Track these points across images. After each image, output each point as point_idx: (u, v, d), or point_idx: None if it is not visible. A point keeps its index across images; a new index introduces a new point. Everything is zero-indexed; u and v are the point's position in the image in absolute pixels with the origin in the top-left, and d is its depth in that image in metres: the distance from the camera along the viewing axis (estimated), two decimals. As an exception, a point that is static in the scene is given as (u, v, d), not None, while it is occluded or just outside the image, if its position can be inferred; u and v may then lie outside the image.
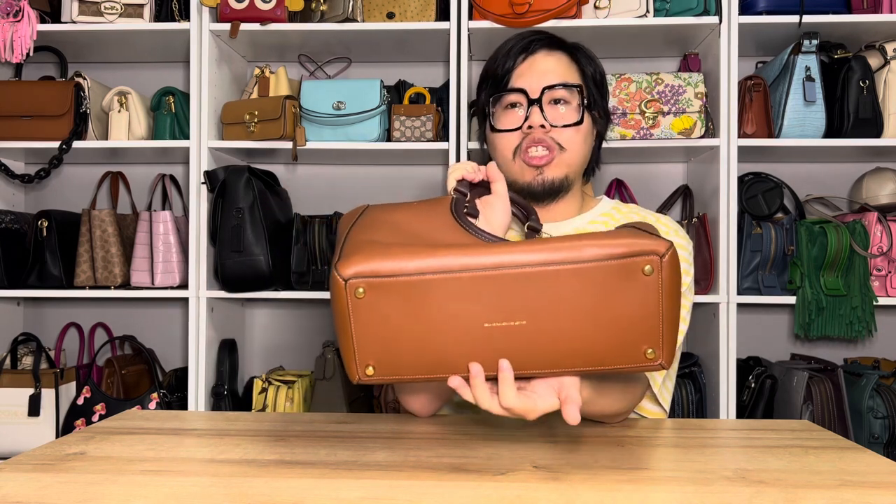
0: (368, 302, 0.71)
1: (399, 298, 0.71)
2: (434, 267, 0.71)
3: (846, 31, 1.98)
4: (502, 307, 0.71)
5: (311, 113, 1.95)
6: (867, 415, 1.79)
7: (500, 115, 1.19)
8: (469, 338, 0.72)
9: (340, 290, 0.71)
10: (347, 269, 0.71)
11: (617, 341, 0.72)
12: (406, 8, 1.98)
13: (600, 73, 1.24)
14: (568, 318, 0.71)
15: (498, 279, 0.70)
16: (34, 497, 0.67)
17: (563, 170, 1.17)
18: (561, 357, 0.72)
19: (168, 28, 2.01)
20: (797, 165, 2.20)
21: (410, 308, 0.71)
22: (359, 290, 0.71)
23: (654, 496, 0.68)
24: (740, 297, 1.90)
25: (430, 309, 0.71)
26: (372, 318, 0.71)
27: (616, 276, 0.71)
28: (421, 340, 0.72)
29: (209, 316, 2.00)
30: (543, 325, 0.71)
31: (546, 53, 1.19)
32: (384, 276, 0.71)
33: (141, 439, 0.89)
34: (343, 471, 0.75)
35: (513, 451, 0.84)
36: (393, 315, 0.71)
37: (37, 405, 1.98)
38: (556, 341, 0.72)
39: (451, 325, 0.71)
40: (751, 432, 0.98)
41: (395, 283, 0.71)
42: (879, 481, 0.73)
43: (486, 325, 0.71)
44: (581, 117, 1.17)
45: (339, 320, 0.72)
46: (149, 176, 2.28)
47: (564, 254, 0.70)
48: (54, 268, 2.03)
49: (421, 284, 0.71)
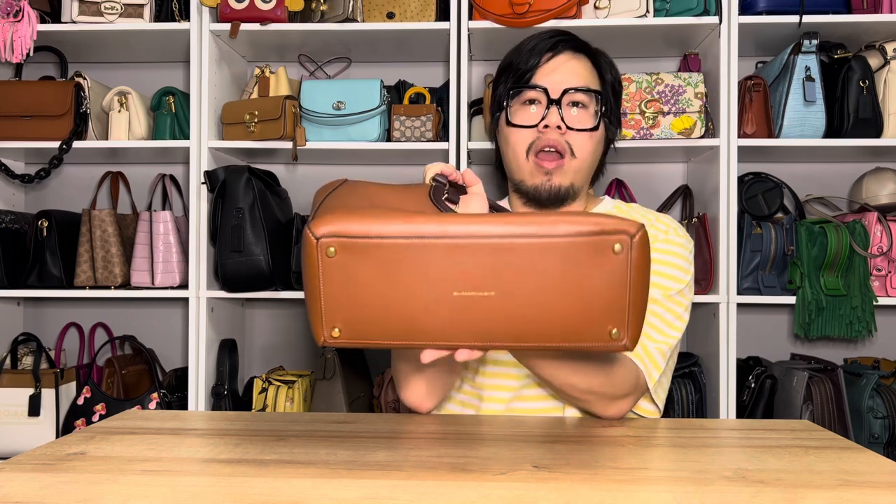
0: (339, 262, 0.71)
1: (370, 260, 0.71)
2: (407, 232, 0.71)
3: (846, 31, 1.98)
4: (472, 276, 0.72)
5: (311, 113, 1.95)
6: (867, 415, 1.79)
7: (517, 111, 1.20)
8: (438, 305, 0.72)
9: (311, 248, 0.71)
10: (320, 228, 0.71)
11: (583, 318, 0.73)
12: (406, 8, 1.98)
13: (618, 80, 1.25)
14: (535, 291, 0.72)
15: (469, 248, 0.71)
16: (34, 497, 0.67)
17: (570, 177, 1.17)
18: (527, 331, 0.73)
19: (168, 28, 2.01)
20: (797, 165, 2.20)
21: (380, 271, 0.72)
22: (330, 250, 0.71)
23: (654, 496, 0.68)
24: (740, 297, 1.90)
25: (400, 273, 0.71)
26: (341, 278, 0.72)
27: (585, 252, 0.72)
28: (389, 304, 0.72)
29: (209, 316, 2.00)
30: (511, 297, 0.72)
31: (571, 55, 1.20)
32: (356, 236, 0.71)
33: (141, 439, 0.89)
34: (343, 471, 0.75)
35: (513, 451, 0.84)
36: (362, 277, 0.72)
37: (37, 405, 1.98)
38: (523, 315, 0.73)
39: (421, 291, 0.72)
40: (751, 432, 0.98)
41: (367, 245, 0.71)
42: (879, 481, 0.73)
43: (455, 293, 0.72)
44: (597, 124, 1.17)
45: (308, 280, 0.73)
46: (149, 176, 2.28)
47: (536, 228, 0.71)
48: (54, 268, 2.03)
49: (392, 248, 0.71)
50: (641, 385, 1.09)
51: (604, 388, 1.03)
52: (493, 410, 1.16)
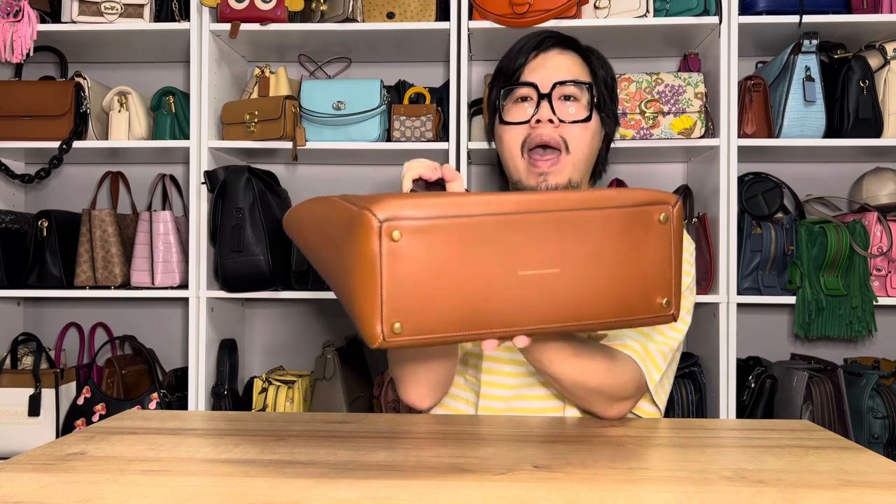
0: (403, 247, 0.65)
1: (438, 242, 0.66)
2: (470, 211, 0.67)
3: (846, 31, 1.98)
4: (535, 253, 0.70)
5: (311, 113, 1.95)
6: (867, 415, 1.79)
7: (510, 109, 1.20)
8: (504, 287, 0.69)
9: (372, 233, 0.65)
10: (383, 211, 0.65)
11: (638, 290, 0.74)
12: (406, 8, 1.98)
13: (611, 77, 1.25)
14: (597, 264, 0.72)
15: (531, 224, 0.69)
16: (34, 497, 0.67)
17: (567, 174, 1.17)
18: (588, 308, 0.72)
19: (168, 28, 2.01)
20: (797, 165, 2.20)
21: (448, 254, 0.66)
22: (395, 234, 0.65)
23: (655, 496, 0.68)
24: (740, 297, 1.90)
25: (465, 255, 0.67)
26: (406, 266, 0.65)
27: (636, 223, 0.73)
28: (456, 291, 0.67)
29: (209, 316, 2.00)
30: (575, 272, 0.71)
31: (559, 52, 1.20)
32: (422, 217, 0.65)
33: (141, 439, 0.89)
34: (343, 471, 0.75)
35: (513, 451, 0.84)
36: (429, 262, 0.66)
37: (37, 405, 1.98)
38: (585, 291, 0.72)
39: (487, 273, 0.68)
40: (751, 432, 0.98)
41: (436, 226, 0.66)
42: (879, 481, 0.73)
43: (521, 272, 0.69)
44: (590, 114, 1.17)
45: (364, 270, 0.65)
46: (149, 176, 2.27)
47: (595, 200, 0.72)
48: (54, 268, 2.03)
49: (458, 228, 0.67)
50: (643, 386, 1.09)
51: (609, 389, 1.03)
52: (492, 409, 1.16)
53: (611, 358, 1.05)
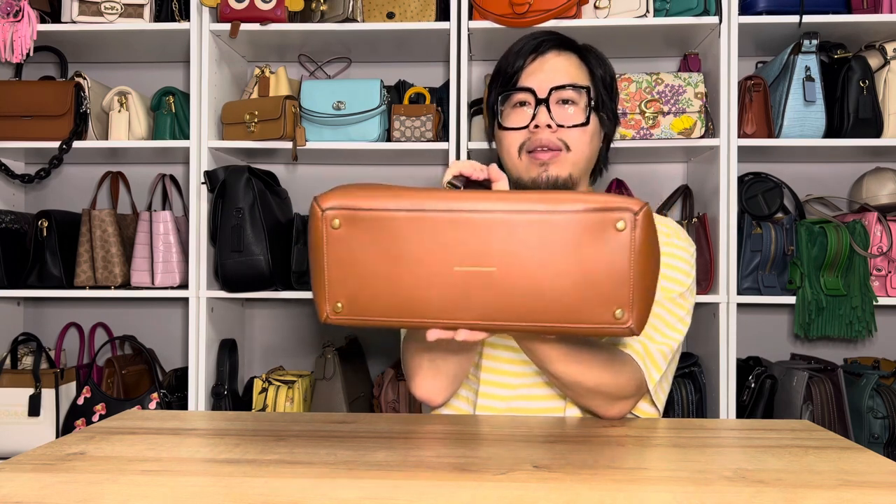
0: (343, 235, 0.73)
1: (373, 234, 0.72)
2: (409, 205, 0.72)
3: (846, 31, 1.98)
4: (474, 251, 0.71)
5: (311, 113, 1.95)
6: (867, 415, 1.79)
7: (508, 114, 1.20)
8: (439, 280, 0.72)
9: (318, 220, 0.73)
10: (327, 202, 0.73)
11: (584, 297, 0.72)
12: (406, 8, 1.98)
13: (610, 75, 1.25)
14: (538, 268, 0.71)
15: (472, 223, 0.71)
16: (34, 497, 0.67)
17: (568, 168, 1.17)
18: (530, 310, 0.72)
19: (168, 28, 2.01)
20: (797, 165, 2.20)
21: (384, 245, 0.72)
22: (335, 222, 0.72)
23: (655, 496, 0.68)
24: (740, 297, 1.90)
25: (402, 247, 0.72)
26: (345, 251, 0.73)
27: (588, 229, 0.71)
28: (391, 279, 0.73)
29: (209, 316, 2.00)
30: (513, 273, 0.72)
31: (556, 54, 1.20)
32: (360, 209, 0.72)
33: (141, 439, 0.89)
34: (343, 471, 0.75)
35: (513, 451, 0.84)
36: (366, 251, 0.73)
37: (37, 405, 1.98)
38: (526, 292, 0.72)
39: (423, 266, 0.72)
40: (751, 432, 0.98)
41: (370, 217, 0.72)
42: (879, 481, 0.73)
43: (457, 268, 0.72)
44: (587, 118, 1.17)
45: (313, 253, 0.74)
46: (149, 176, 2.27)
47: (539, 204, 0.71)
48: (54, 268, 2.03)
49: (394, 221, 0.72)
50: (643, 386, 1.09)
51: (610, 388, 1.04)
52: (492, 408, 1.16)
53: (611, 357, 1.05)
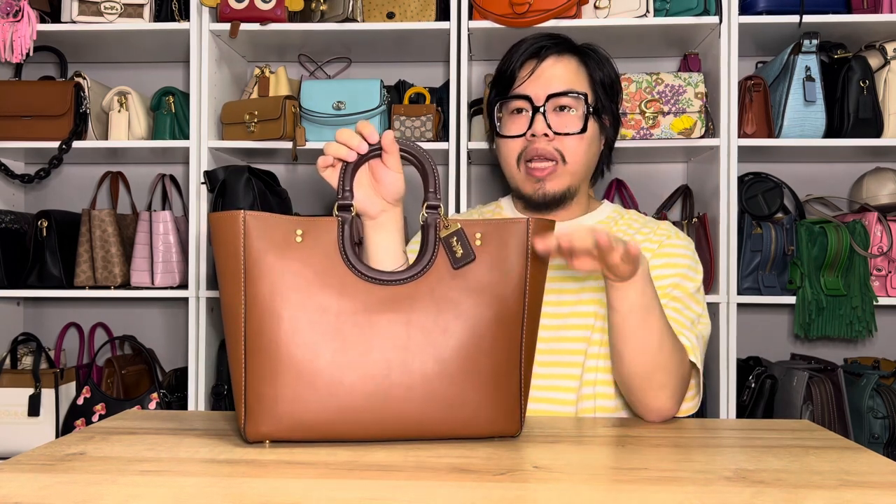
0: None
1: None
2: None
3: (846, 31, 1.98)
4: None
5: (311, 113, 1.94)
6: (867, 415, 1.79)
7: (507, 120, 1.21)
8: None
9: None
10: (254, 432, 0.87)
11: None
12: (406, 8, 1.98)
13: (611, 76, 1.24)
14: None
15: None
16: (34, 497, 0.67)
17: (566, 181, 1.18)
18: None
19: (168, 28, 2.01)
20: (797, 165, 2.20)
21: None
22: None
23: (654, 496, 0.68)
24: (740, 297, 1.90)
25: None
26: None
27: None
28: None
29: (209, 316, 2.00)
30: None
31: (555, 60, 1.19)
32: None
33: (141, 439, 0.89)
34: (343, 471, 0.75)
35: (513, 451, 0.84)
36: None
37: (37, 405, 1.98)
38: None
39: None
40: (751, 432, 0.98)
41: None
42: (879, 481, 0.73)
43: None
44: (584, 125, 1.17)
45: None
46: (149, 176, 2.27)
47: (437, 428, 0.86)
48: (54, 268, 2.02)
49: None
50: (689, 383, 1.12)
51: (678, 378, 1.06)
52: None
53: (682, 347, 1.08)
